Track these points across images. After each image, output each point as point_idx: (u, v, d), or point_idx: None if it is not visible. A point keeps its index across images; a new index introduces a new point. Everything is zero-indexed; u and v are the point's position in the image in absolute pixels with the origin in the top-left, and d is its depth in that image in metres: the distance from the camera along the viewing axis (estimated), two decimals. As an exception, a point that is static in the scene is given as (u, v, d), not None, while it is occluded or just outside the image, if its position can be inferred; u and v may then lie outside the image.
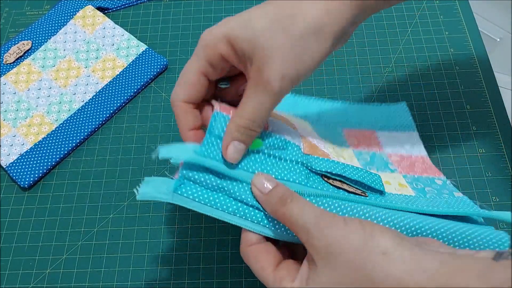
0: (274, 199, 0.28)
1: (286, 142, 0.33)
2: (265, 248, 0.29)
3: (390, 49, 0.52)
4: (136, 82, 0.51)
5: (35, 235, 0.43)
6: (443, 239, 0.30)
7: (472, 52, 0.51)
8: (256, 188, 0.29)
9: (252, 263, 0.29)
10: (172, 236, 0.43)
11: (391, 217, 0.30)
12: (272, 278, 0.28)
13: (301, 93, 0.50)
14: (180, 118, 0.32)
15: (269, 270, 0.28)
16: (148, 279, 0.41)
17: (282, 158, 0.32)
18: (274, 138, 0.32)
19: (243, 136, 0.30)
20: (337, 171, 0.33)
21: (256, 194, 0.29)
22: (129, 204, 0.44)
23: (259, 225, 0.29)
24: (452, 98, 0.49)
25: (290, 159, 0.32)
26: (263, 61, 0.28)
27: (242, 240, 0.30)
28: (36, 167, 0.46)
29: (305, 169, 0.32)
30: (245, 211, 0.29)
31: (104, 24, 0.54)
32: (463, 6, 0.55)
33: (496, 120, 0.47)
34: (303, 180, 0.31)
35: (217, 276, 0.40)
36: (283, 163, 0.32)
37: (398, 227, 0.29)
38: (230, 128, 0.30)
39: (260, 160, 0.31)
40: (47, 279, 0.41)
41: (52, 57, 0.53)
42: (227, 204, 0.29)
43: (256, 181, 0.29)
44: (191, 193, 0.29)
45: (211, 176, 0.29)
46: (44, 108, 0.50)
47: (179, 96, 0.32)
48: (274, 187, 0.29)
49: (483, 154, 0.45)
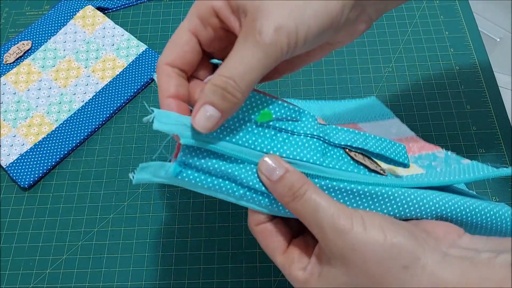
0: (284, 189, 0.25)
1: (300, 113, 0.28)
2: (273, 228, 0.27)
3: (390, 49, 0.52)
4: (136, 82, 0.51)
5: (35, 235, 0.43)
6: (462, 218, 0.28)
7: (472, 52, 0.51)
8: (264, 174, 0.26)
9: (260, 243, 0.28)
10: (172, 236, 0.43)
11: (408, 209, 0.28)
12: (281, 262, 0.27)
13: (301, 93, 0.50)
14: (161, 82, 0.27)
15: (278, 252, 0.27)
16: (148, 279, 0.41)
17: (295, 132, 0.28)
18: (287, 108, 0.28)
19: (218, 98, 0.24)
20: (358, 143, 0.29)
21: (264, 181, 0.26)
22: (129, 204, 0.44)
23: (268, 209, 0.27)
24: (452, 98, 0.49)
25: (305, 133, 0.28)
26: (257, 10, 0.24)
27: (249, 217, 0.28)
28: (36, 167, 0.46)
29: (322, 144, 0.28)
30: (253, 196, 0.27)
31: (104, 24, 0.54)
32: (463, 6, 0.55)
33: (496, 120, 0.47)
34: (319, 159, 0.27)
35: (217, 276, 0.40)
36: (295, 138, 0.28)
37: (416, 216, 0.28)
38: (205, 88, 0.24)
39: (270, 136, 0.27)
40: (47, 279, 0.41)
41: (52, 57, 0.53)
42: (233, 189, 0.27)
43: (263, 167, 0.26)
44: (193, 178, 0.26)
45: (213, 160, 0.26)
46: (44, 108, 0.50)
47: (163, 58, 0.27)
48: (284, 174, 0.25)
49: (483, 154, 0.45)
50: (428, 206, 0.27)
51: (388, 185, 0.28)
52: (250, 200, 0.27)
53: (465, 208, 0.28)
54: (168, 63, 0.27)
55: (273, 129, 0.27)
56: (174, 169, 0.26)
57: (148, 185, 0.45)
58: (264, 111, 0.27)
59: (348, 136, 0.30)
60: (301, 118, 0.28)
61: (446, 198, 0.28)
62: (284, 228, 0.28)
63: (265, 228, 0.27)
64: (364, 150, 0.29)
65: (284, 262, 0.27)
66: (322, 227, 0.24)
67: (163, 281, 0.40)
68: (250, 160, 0.26)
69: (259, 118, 0.27)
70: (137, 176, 0.26)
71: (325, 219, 0.24)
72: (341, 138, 0.29)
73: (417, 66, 0.51)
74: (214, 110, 0.24)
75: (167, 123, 0.25)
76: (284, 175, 0.25)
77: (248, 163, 0.27)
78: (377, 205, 0.27)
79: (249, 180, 0.26)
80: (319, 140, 0.28)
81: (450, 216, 0.28)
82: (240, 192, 0.27)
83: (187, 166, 0.26)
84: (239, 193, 0.27)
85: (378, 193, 0.27)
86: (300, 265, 0.26)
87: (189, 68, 0.28)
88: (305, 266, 0.26)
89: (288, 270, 0.26)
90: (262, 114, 0.27)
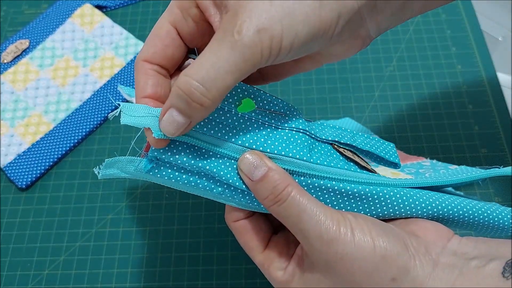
0: (266, 191, 0.23)
1: (285, 105, 0.26)
2: (252, 225, 0.26)
3: (391, 48, 0.52)
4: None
5: (32, 236, 0.43)
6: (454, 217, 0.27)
7: (474, 51, 0.51)
8: (244, 173, 0.24)
9: (238, 240, 0.26)
10: (171, 237, 0.42)
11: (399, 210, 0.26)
12: (260, 261, 0.26)
13: (301, 92, 0.49)
14: (137, 80, 0.25)
15: (257, 252, 0.26)
16: (146, 281, 0.40)
17: (280, 126, 0.26)
18: (270, 98, 0.26)
19: (183, 104, 0.21)
20: (347, 139, 0.28)
21: (245, 180, 0.24)
22: (127, 205, 0.44)
23: (248, 207, 0.26)
24: (454, 98, 0.48)
25: (290, 126, 0.26)
26: (240, 6, 0.21)
27: (226, 213, 0.26)
28: (34, 167, 0.46)
29: (309, 138, 0.26)
30: (232, 194, 0.25)
31: (102, 23, 0.54)
32: (465, 5, 0.54)
33: (499, 120, 0.46)
34: (306, 154, 0.25)
35: (217, 277, 0.40)
36: (280, 132, 0.25)
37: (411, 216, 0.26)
38: (172, 90, 0.22)
39: (253, 129, 0.25)
40: (45, 281, 0.41)
41: (50, 56, 0.52)
42: (210, 186, 0.25)
43: (243, 165, 0.24)
44: (166, 174, 0.24)
45: (189, 156, 0.24)
46: (42, 107, 0.49)
47: (142, 54, 0.25)
48: (266, 173, 0.23)
49: (485, 154, 0.45)
50: (420, 208, 0.26)
51: (380, 184, 0.26)
52: (229, 198, 0.25)
53: (456, 205, 0.27)
54: (147, 59, 0.24)
55: (256, 121, 0.25)
56: (145, 166, 0.24)
57: (147, 186, 0.45)
58: (245, 100, 0.25)
59: (335, 132, 0.28)
60: (285, 111, 0.26)
61: (439, 198, 0.27)
62: (264, 224, 0.26)
63: (243, 225, 0.26)
64: (353, 146, 0.28)
65: (263, 261, 0.25)
66: (307, 234, 0.23)
67: (162, 282, 0.40)
68: (230, 155, 0.24)
69: (240, 109, 0.25)
70: (103, 172, 0.24)
71: (310, 226, 0.23)
72: (328, 133, 0.27)
73: (418, 65, 0.50)
74: (179, 115, 0.22)
75: (136, 116, 0.23)
76: (266, 173, 0.23)
77: (228, 158, 0.24)
78: (366, 206, 0.26)
79: (229, 178, 0.24)
80: (305, 135, 0.26)
81: (442, 215, 0.27)
82: (218, 190, 0.25)
83: (160, 161, 0.24)
84: (217, 190, 0.25)
85: (368, 194, 0.26)
86: (280, 265, 0.25)
87: (171, 64, 0.25)
88: (285, 266, 0.25)
89: (267, 270, 0.25)
90: (243, 104, 0.25)
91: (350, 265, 0.22)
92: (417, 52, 0.51)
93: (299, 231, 0.23)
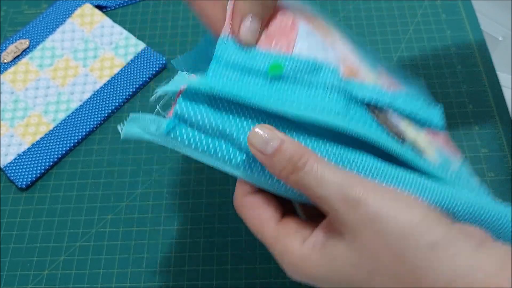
0: (281, 163, 0.22)
1: (318, 65, 0.25)
2: (265, 198, 0.24)
3: (391, 48, 0.52)
4: (135, 81, 0.50)
5: (32, 236, 0.43)
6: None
7: (474, 51, 0.51)
8: (255, 149, 0.22)
9: (249, 217, 0.24)
10: (171, 237, 0.42)
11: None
12: (274, 233, 0.23)
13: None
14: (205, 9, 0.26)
15: (271, 224, 0.23)
16: (147, 281, 0.40)
17: (312, 84, 0.24)
18: (300, 62, 0.25)
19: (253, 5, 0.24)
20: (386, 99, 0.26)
21: (257, 156, 0.22)
22: (127, 205, 0.44)
23: (267, 184, 0.24)
24: (454, 97, 0.48)
25: (324, 84, 0.24)
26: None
27: (237, 189, 0.25)
28: (34, 167, 0.46)
29: (343, 98, 0.24)
30: (251, 166, 0.23)
31: (102, 23, 0.54)
32: (465, 5, 0.54)
33: (499, 120, 0.46)
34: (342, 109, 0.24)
35: (217, 277, 0.40)
36: (312, 91, 0.24)
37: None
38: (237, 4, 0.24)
39: (281, 88, 0.24)
40: (45, 281, 0.41)
41: (50, 56, 0.52)
42: (229, 154, 0.23)
43: (254, 139, 0.22)
44: (186, 137, 0.23)
45: (214, 115, 0.23)
46: (41, 107, 0.49)
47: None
48: (279, 145, 0.22)
49: (486, 154, 0.45)
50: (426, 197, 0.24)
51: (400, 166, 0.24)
52: (248, 170, 0.23)
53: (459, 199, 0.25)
54: None
55: (284, 82, 0.24)
56: (168, 124, 0.23)
57: (147, 186, 0.45)
58: (273, 64, 0.24)
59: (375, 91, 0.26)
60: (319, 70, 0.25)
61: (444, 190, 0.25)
62: (277, 202, 0.24)
63: (255, 198, 0.24)
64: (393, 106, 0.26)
65: (277, 233, 0.23)
66: (330, 200, 0.21)
67: (162, 282, 0.40)
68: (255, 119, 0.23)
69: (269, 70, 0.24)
70: (126, 128, 0.24)
71: (332, 190, 0.21)
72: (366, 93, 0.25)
73: (418, 65, 0.50)
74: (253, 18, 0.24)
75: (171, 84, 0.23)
76: (279, 146, 0.22)
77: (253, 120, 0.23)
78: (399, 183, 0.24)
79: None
80: (339, 94, 0.24)
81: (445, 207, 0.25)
82: (237, 160, 0.23)
83: (182, 122, 0.23)
84: (235, 161, 0.23)
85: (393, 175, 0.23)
86: (298, 237, 0.23)
87: None
88: (304, 238, 0.23)
89: (282, 241, 0.23)
90: (271, 67, 0.24)
91: (382, 227, 0.20)
92: (417, 52, 0.51)
93: (321, 198, 0.22)
